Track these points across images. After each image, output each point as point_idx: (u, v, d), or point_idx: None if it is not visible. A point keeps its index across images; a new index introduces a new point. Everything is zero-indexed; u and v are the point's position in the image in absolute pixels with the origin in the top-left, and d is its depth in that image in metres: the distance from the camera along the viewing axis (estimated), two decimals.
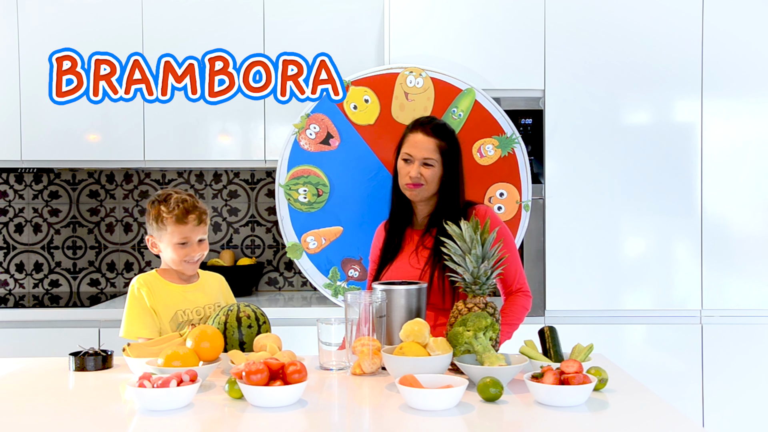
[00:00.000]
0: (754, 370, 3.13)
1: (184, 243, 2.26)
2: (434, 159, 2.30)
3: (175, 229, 2.24)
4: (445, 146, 2.31)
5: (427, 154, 2.29)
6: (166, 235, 2.26)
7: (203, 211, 2.30)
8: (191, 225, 2.26)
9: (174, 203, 2.26)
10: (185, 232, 2.25)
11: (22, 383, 1.93)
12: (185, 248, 2.26)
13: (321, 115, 3.02)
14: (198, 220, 2.27)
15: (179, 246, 2.26)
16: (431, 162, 2.29)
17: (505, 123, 3.01)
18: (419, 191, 2.30)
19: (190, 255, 2.27)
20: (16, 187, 3.78)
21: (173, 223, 2.24)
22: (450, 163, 2.33)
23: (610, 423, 1.58)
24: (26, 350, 3.07)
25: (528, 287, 2.36)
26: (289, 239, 3.07)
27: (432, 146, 2.30)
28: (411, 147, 2.31)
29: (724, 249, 3.15)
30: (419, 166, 2.29)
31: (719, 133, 3.15)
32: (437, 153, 2.30)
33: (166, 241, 2.27)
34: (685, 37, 3.14)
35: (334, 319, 2.02)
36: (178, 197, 2.28)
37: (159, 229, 2.27)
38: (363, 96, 3.02)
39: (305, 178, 3.03)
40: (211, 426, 1.58)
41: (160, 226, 2.26)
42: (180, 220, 2.24)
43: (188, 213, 2.26)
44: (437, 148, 2.30)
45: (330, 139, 3.03)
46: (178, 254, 2.26)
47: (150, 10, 3.36)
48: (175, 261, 2.28)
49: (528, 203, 3.02)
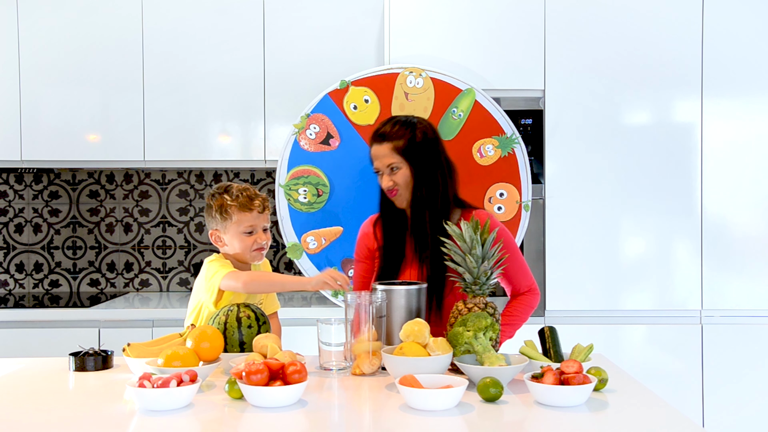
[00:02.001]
0: (754, 370, 3.13)
1: (250, 232, 2.25)
2: (395, 162, 2.28)
3: (241, 217, 2.24)
4: (401, 145, 2.28)
5: (387, 161, 2.29)
6: (231, 225, 2.25)
7: (265, 198, 2.31)
8: (255, 212, 2.26)
9: (236, 192, 2.26)
10: (251, 220, 2.25)
11: (22, 383, 1.93)
12: (252, 236, 2.26)
13: (321, 115, 3.02)
14: (262, 206, 2.28)
15: (246, 236, 2.25)
16: (395, 165, 2.28)
17: (505, 123, 3.01)
18: (398, 197, 2.31)
19: (258, 242, 2.27)
20: (16, 187, 3.78)
21: (238, 211, 2.24)
22: (416, 157, 2.29)
23: (610, 423, 1.58)
24: (26, 350, 3.07)
25: (536, 285, 2.35)
26: (289, 239, 3.07)
27: (387, 151, 2.29)
28: (374, 160, 2.33)
29: (724, 249, 3.15)
30: (388, 174, 2.30)
31: (719, 133, 3.15)
32: (395, 155, 2.28)
33: (232, 232, 2.25)
34: (685, 37, 3.14)
35: (334, 320, 2.02)
36: (238, 186, 2.29)
37: (224, 220, 2.25)
38: (363, 96, 3.02)
39: (305, 178, 3.03)
40: (211, 426, 1.58)
41: (225, 216, 2.25)
42: (244, 207, 2.24)
43: (252, 200, 2.26)
44: (393, 151, 2.28)
45: (330, 139, 3.03)
46: (245, 244, 2.26)
47: (150, 11, 3.36)
48: (244, 251, 2.27)
49: (528, 203, 3.02)
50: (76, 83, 3.37)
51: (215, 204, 2.27)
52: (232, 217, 2.24)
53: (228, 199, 2.24)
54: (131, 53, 3.37)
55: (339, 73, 3.18)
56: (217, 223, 2.27)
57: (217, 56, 3.37)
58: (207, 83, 3.37)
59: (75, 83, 3.37)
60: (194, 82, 3.37)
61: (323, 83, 3.18)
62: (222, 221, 2.26)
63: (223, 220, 2.25)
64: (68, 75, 3.37)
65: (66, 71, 3.37)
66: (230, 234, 2.26)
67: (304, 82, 3.35)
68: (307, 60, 3.37)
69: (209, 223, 2.31)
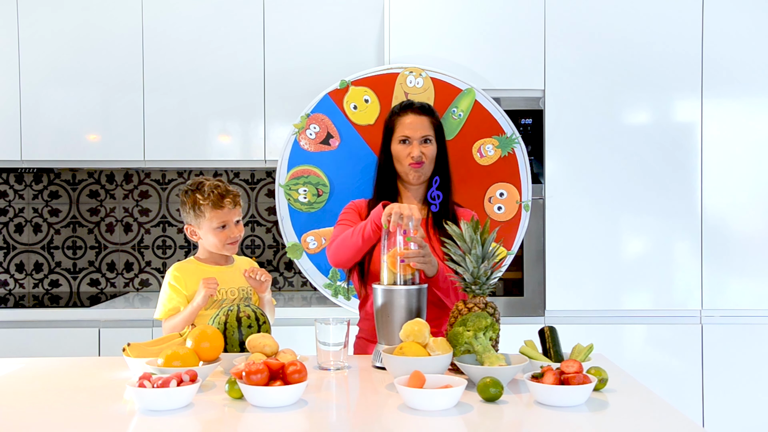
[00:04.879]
0: (754, 370, 3.13)
1: (223, 226, 2.34)
2: (431, 135, 2.36)
3: (213, 214, 2.33)
4: (437, 122, 2.39)
5: (425, 132, 2.35)
6: (204, 221, 2.34)
7: (236, 193, 2.40)
8: (227, 208, 2.35)
9: (208, 190, 2.35)
10: (223, 216, 2.34)
11: (22, 383, 1.93)
12: (225, 231, 2.35)
13: (321, 115, 3.02)
14: (233, 202, 2.37)
15: (219, 230, 2.34)
16: (430, 138, 2.35)
17: (505, 123, 3.01)
18: (422, 170, 2.35)
19: (231, 237, 2.36)
20: (16, 187, 3.78)
21: (210, 208, 2.33)
22: (442, 139, 2.40)
23: (610, 423, 1.58)
24: (26, 350, 3.07)
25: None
26: (289, 239, 3.07)
27: (427, 123, 2.37)
28: (406, 128, 2.36)
29: (724, 249, 3.15)
30: (419, 144, 2.33)
31: (719, 133, 3.15)
32: (432, 129, 2.37)
33: (205, 228, 2.35)
34: (685, 37, 3.14)
35: (332, 319, 2.02)
36: (210, 184, 2.37)
37: (197, 217, 2.35)
38: (363, 96, 3.02)
39: (305, 178, 3.03)
40: (211, 426, 1.58)
41: (198, 213, 2.34)
42: (216, 204, 2.33)
43: (223, 197, 2.35)
44: (431, 125, 2.37)
45: (330, 139, 3.03)
46: (219, 238, 2.35)
47: (150, 11, 3.36)
48: (217, 245, 2.36)
49: (528, 203, 3.02)
50: (76, 83, 3.37)
51: (189, 201, 2.37)
52: (205, 214, 2.33)
53: (200, 198, 2.34)
54: (131, 53, 3.37)
55: (339, 73, 3.18)
56: (191, 219, 2.38)
57: (217, 56, 3.37)
58: (207, 83, 3.37)
59: (75, 83, 3.37)
60: (194, 82, 3.37)
61: (323, 83, 3.18)
62: (195, 218, 2.36)
63: (197, 217, 2.35)
64: (68, 75, 3.37)
65: (66, 71, 3.37)
66: (204, 229, 2.36)
67: (304, 82, 3.35)
68: (307, 60, 3.37)
69: (184, 217, 2.41)
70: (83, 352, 3.09)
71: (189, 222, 2.39)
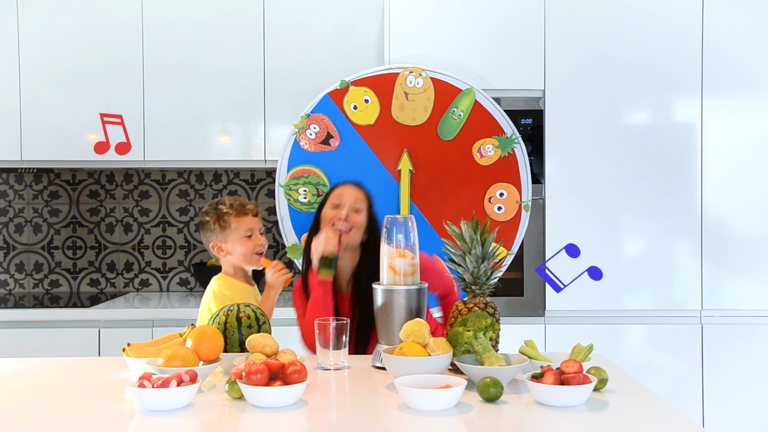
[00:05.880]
0: (754, 370, 3.13)
1: (249, 235, 2.39)
2: (362, 207, 2.39)
3: (239, 223, 2.38)
4: (370, 200, 2.43)
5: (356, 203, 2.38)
6: (231, 232, 2.38)
7: (256, 203, 2.49)
8: (250, 216, 2.41)
9: (229, 202, 2.42)
10: (248, 223, 2.40)
11: (22, 383, 1.93)
12: (252, 240, 2.40)
13: (321, 115, 3.02)
14: (255, 211, 2.44)
15: (246, 239, 2.39)
16: (360, 208, 2.38)
17: (505, 123, 3.01)
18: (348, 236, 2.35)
19: (257, 245, 2.41)
20: (16, 187, 3.78)
21: (235, 217, 2.38)
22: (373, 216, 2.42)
23: (610, 423, 1.58)
24: (26, 350, 3.07)
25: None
26: (289, 239, 3.07)
27: (361, 196, 2.42)
28: (339, 196, 2.41)
29: (724, 249, 3.15)
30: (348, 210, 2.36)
31: (719, 133, 3.15)
32: (364, 203, 2.41)
33: (233, 239, 2.39)
34: (685, 37, 3.14)
35: (332, 319, 2.02)
36: (228, 197, 2.45)
37: (223, 229, 2.39)
38: (363, 96, 3.02)
39: (305, 178, 3.03)
40: (211, 426, 1.58)
41: (223, 225, 2.38)
42: (240, 212, 2.39)
43: (245, 206, 2.42)
44: (365, 198, 2.42)
45: (330, 139, 3.03)
46: (247, 247, 2.39)
47: (150, 11, 3.36)
48: (246, 254, 2.40)
49: (528, 203, 3.02)
50: (76, 83, 3.37)
51: (212, 218, 2.40)
52: (230, 224, 2.37)
53: (224, 209, 2.39)
54: (131, 53, 3.37)
55: (339, 73, 3.18)
56: (217, 235, 2.40)
57: (217, 56, 3.37)
58: (207, 83, 3.37)
59: (75, 83, 3.37)
60: (194, 82, 3.37)
61: (323, 83, 3.18)
62: (221, 231, 2.39)
63: (222, 229, 2.38)
64: (68, 75, 3.37)
65: (66, 71, 3.37)
66: (231, 241, 2.38)
67: (304, 82, 3.35)
68: (307, 60, 3.37)
69: (207, 237, 2.43)
70: (83, 352, 3.09)
71: (214, 239, 2.40)
